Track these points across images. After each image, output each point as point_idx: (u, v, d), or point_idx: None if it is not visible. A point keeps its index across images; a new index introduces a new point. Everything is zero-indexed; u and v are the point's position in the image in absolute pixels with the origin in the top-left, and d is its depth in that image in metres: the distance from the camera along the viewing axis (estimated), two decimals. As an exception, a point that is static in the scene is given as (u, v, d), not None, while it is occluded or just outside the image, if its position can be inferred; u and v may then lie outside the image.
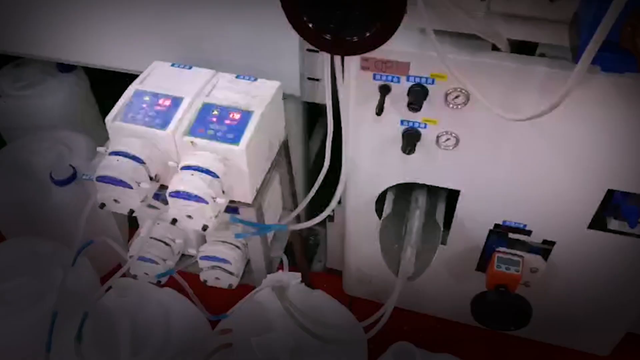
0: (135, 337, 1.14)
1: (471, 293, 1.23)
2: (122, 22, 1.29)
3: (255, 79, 1.18)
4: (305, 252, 1.68)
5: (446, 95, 1.01)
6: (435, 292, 1.45)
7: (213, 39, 1.25)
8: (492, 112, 0.91)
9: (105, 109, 1.12)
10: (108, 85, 1.39)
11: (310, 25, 0.75)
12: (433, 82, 1.00)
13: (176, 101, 1.11)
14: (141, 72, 1.19)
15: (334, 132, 1.11)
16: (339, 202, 1.36)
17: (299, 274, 1.18)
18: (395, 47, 0.97)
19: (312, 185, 1.25)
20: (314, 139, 1.69)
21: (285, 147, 1.29)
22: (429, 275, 1.21)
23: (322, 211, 1.24)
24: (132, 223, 1.47)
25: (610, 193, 1.08)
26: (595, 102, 0.94)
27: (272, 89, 1.15)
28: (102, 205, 1.07)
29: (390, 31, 0.73)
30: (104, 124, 1.09)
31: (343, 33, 0.75)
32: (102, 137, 1.13)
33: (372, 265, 1.44)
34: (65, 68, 1.64)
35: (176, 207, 1.03)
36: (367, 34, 0.74)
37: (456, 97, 1.01)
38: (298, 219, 1.41)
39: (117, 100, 1.12)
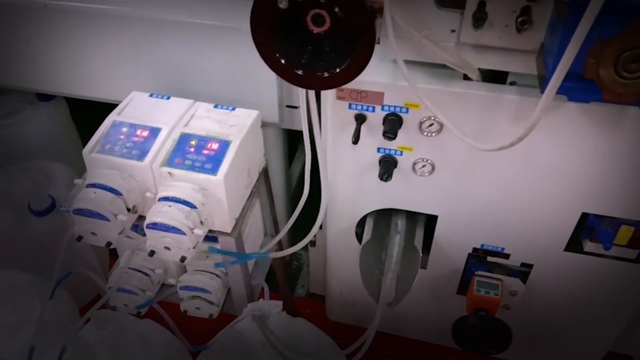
0: (114, 370, 1.13)
1: (453, 316, 1.24)
2: (101, 53, 1.29)
3: (234, 108, 1.19)
4: (287, 277, 1.67)
5: (420, 123, 1.02)
6: (418, 316, 1.46)
7: (192, 69, 1.26)
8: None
9: (86, 136, 1.12)
10: (89, 113, 1.40)
11: (283, 61, 0.77)
12: (407, 111, 1.02)
13: (154, 132, 1.11)
14: (121, 101, 1.20)
15: (312, 159, 1.13)
16: (320, 227, 1.37)
17: (279, 302, 1.17)
18: (369, 78, 0.99)
19: (294, 210, 1.26)
20: (295, 164, 1.70)
21: (265, 174, 1.29)
22: (410, 299, 1.21)
23: (304, 235, 1.25)
24: (113, 252, 1.46)
25: (585, 216, 1.10)
26: (566, 128, 0.96)
27: (251, 117, 1.16)
28: (80, 238, 1.06)
29: (359, 68, 0.74)
30: (85, 151, 1.09)
31: (314, 69, 0.76)
32: (83, 165, 1.13)
33: (354, 290, 1.44)
34: (45, 96, 1.64)
35: (153, 239, 1.03)
36: (337, 70, 0.75)
37: (430, 125, 1.02)
38: (280, 245, 1.41)
39: (98, 126, 1.13)
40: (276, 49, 0.76)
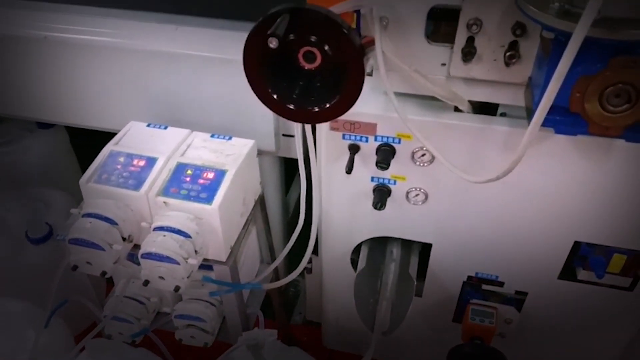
0: (108, 400, 1.12)
1: (449, 344, 1.23)
2: (100, 83, 1.32)
3: (230, 138, 1.20)
4: (284, 304, 1.67)
5: (413, 153, 1.04)
6: (414, 344, 1.45)
7: (189, 99, 1.28)
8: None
9: (85, 163, 1.14)
10: (88, 140, 1.42)
11: (275, 96, 0.79)
12: (399, 142, 1.03)
13: (150, 161, 1.13)
14: (119, 130, 1.21)
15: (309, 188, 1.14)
16: (316, 254, 1.37)
17: (274, 331, 1.17)
18: (362, 109, 1.01)
19: (291, 237, 1.26)
20: (292, 192, 1.71)
21: (261, 202, 1.30)
22: (407, 327, 1.21)
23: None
24: (109, 279, 1.46)
25: (577, 245, 1.10)
26: (555, 159, 0.98)
27: (247, 147, 1.18)
28: (75, 268, 1.07)
29: (348, 103, 0.76)
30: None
31: (305, 104, 0.78)
32: (83, 192, 1.14)
33: (350, 318, 1.43)
34: (45, 124, 1.66)
35: (148, 269, 1.03)
36: (328, 105, 0.77)
37: (422, 155, 1.04)
38: (276, 272, 1.41)
39: (97, 154, 1.15)
40: (268, 85, 0.78)
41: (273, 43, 0.67)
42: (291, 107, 0.79)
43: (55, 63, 1.31)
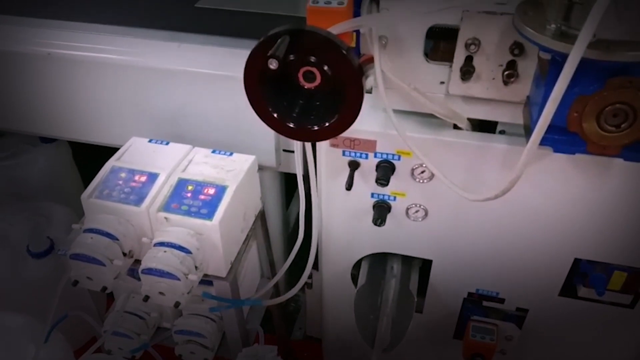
0: (107, 416, 1.12)
1: (451, 361, 1.23)
2: (102, 99, 1.33)
3: (231, 154, 1.21)
4: (284, 319, 1.67)
5: (412, 170, 1.04)
6: (415, 361, 1.44)
7: (191, 115, 1.29)
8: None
9: (88, 177, 1.15)
10: (91, 154, 1.42)
11: (275, 115, 0.79)
12: (399, 159, 1.04)
13: (152, 177, 1.14)
14: (122, 145, 1.22)
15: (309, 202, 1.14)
16: (317, 269, 1.37)
17: (274, 347, 1.17)
18: (362, 127, 1.01)
19: (291, 252, 1.26)
20: (293, 206, 1.72)
21: (261, 216, 1.31)
22: (407, 344, 1.20)
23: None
24: (110, 294, 1.46)
25: (577, 262, 1.10)
26: (554, 177, 0.98)
27: (247, 162, 1.19)
28: (75, 283, 1.07)
29: (347, 122, 0.77)
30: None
31: (305, 122, 0.79)
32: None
33: (350, 334, 1.42)
34: (47, 139, 1.67)
35: (148, 284, 1.03)
36: (327, 124, 0.78)
37: (422, 172, 1.04)
38: (276, 287, 1.41)
39: (99, 169, 1.15)
40: (268, 104, 0.79)
41: (273, 64, 0.68)
42: (291, 125, 0.80)
43: (58, 79, 1.32)
